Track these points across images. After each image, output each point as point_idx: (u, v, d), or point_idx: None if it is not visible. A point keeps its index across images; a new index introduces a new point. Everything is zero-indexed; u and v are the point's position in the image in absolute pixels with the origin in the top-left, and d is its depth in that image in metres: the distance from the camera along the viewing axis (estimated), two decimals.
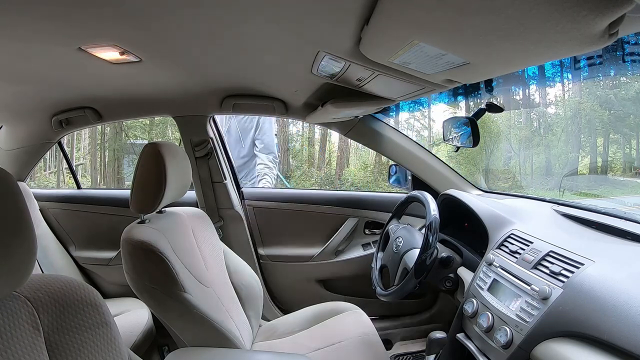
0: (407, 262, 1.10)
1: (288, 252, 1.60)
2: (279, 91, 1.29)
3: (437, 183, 1.54)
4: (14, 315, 0.47)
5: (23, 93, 1.21)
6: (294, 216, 1.58)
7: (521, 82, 6.52)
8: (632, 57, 5.02)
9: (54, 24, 0.68)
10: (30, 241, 0.46)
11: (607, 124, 6.12)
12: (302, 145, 9.51)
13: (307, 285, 1.61)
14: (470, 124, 1.23)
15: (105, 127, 8.31)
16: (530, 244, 0.90)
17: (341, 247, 1.58)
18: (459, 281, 1.06)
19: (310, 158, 9.39)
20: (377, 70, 0.81)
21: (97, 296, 0.56)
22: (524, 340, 0.72)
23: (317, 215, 1.57)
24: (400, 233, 1.21)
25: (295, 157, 8.85)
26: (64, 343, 0.50)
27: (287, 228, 1.59)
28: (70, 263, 1.66)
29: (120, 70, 0.96)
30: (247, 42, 0.79)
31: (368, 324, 1.21)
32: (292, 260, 1.59)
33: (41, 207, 1.66)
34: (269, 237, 1.60)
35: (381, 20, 0.57)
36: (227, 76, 1.13)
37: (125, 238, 0.87)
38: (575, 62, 5.57)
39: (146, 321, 1.38)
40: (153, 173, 0.92)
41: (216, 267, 1.14)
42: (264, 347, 1.16)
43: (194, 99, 1.37)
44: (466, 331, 0.94)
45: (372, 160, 8.52)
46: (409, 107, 7.41)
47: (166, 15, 0.66)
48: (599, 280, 0.68)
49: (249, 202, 1.59)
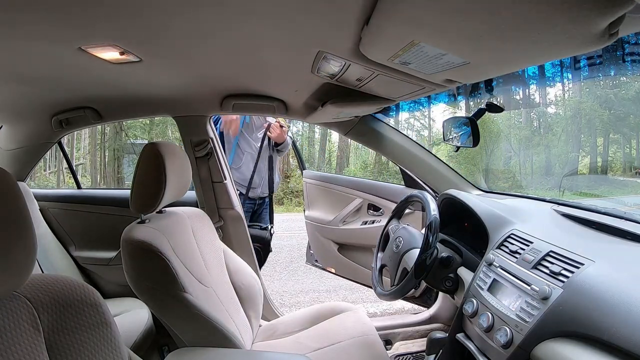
0: (407, 262, 1.10)
1: (313, 214, 2.02)
2: (279, 91, 1.29)
3: (437, 183, 1.54)
4: (14, 315, 0.47)
5: (23, 93, 1.20)
6: (318, 190, 2.00)
7: (521, 82, 6.53)
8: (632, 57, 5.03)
9: (54, 24, 0.68)
10: (30, 241, 0.46)
11: (607, 123, 6.12)
12: (302, 145, 9.51)
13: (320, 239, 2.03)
14: (470, 124, 1.23)
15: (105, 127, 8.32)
16: (530, 244, 0.90)
17: (347, 220, 1.89)
18: (459, 281, 1.06)
19: (310, 158, 9.40)
20: (377, 70, 0.81)
21: (97, 296, 0.56)
22: (524, 340, 0.72)
23: (334, 193, 1.94)
24: (400, 233, 1.21)
25: (295, 157, 8.85)
26: (64, 343, 0.50)
27: (316, 198, 2.02)
28: (70, 263, 1.66)
29: (120, 70, 0.96)
30: (247, 42, 0.79)
31: (368, 324, 1.21)
32: (314, 221, 2.01)
33: (41, 207, 1.66)
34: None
35: (381, 20, 0.57)
36: (227, 76, 1.13)
37: (125, 238, 0.87)
38: (575, 62, 5.58)
39: (146, 321, 1.38)
40: (153, 173, 0.92)
41: (216, 267, 1.14)
42: (264, 347, 1.16)
43: (194, 99, 1.36)
44: (466, 331, 0.94)
45: (372, 160, 8.52)
46: (409, 107, 7.42)
47: (166, 15, 0.66)
48: (599, 280, 0.68)
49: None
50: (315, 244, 2.07)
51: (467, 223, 1.29)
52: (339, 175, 2.07)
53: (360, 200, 1.85)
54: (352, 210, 1.86)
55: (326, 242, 1.97)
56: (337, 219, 1.90)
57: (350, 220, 1.89)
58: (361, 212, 1.87)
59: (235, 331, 0.99)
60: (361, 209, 1.86)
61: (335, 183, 1.93)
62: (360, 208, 1.86)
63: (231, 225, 1.57)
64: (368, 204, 1.85)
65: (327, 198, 1.96)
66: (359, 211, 1.87)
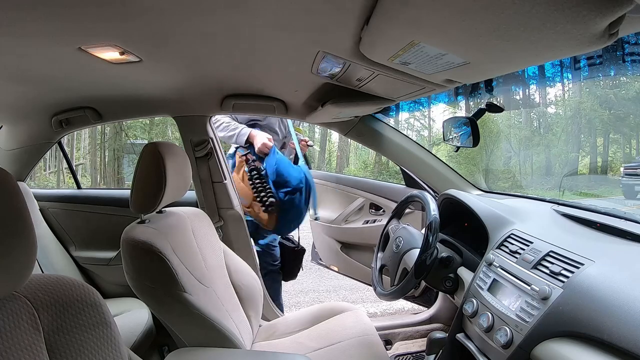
0: (407, 262, 1.10)
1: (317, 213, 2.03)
2: (279, 91, 1.29)
3: (437, 183, 1.54)
4: (14, 316, 0.47)
5: (23, 93, 1.20)
6: (322, 189, 2.01)
7: (521, 82, 6.53)
8: (632, 57, 5.03)
9: (54, 24, 0.68)
10: (30, 241, 0.46)
11: (607, 123, 6.12)
12: None
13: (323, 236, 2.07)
14: (470, 124, 1.23)
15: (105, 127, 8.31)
16: (530, 244, 0.90)
17: (349, 218, 1.93)
18: (459, 281, 1.06)
19: (311, 157, 9.38)
20: (377, 70, 0.81)
21: (97, 296, 0.56)
22: (524, 340, 0.72)
23: (336, 192, 1.98)
24: (400, 233, 1.21)
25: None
26: (64, 343, 0.50)
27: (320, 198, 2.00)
28: (70, 263, 1.66)
29: (120, 70, 0.96)
30: (247, 42, 0.79)
31: (368, 324, 1.21)
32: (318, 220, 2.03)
33: (41, 207, 1.66)
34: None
35: (381, 20, 0.57)
36: (227, 76, 1.13)
37: (125, 238, 0.87)
38: (575, 62, 5.58)
39: (146, 321, 1.38)
40: (153, 173, 0.92)
41: (216, 267, 1.14)
42: (264, 347, 1.16)
43: (194, 99, 1.36)
44: (466, 331, 0.94)
45: (372, 159, 8.52)
46: (409, 107, 7.42)
47: (166, 15, 0.66)
48: (599, 280, 0.68)
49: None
50: (319, 242, 2.11)
51: (467, 223, 1.29)
52: (342, 175, 2.11)
53: (362, 200, 1.88)
54: (355, 210, 1.90)
55: (329, 240, 2.01)
56: (340, 218, 1.93)
57: (352, 219, 1.92)
58: (363, 211, 1.90)
59: (235, 331, 0.99)
60: (363, 208, 1.90)
61: (338, 182, 1.98)
62: (362, 207, 1.89)
63: (231, 225, 1.57)
64: (370, 203, 1.88)
65: (330, 197, 2.00)
66: (361, 210, 1.90)
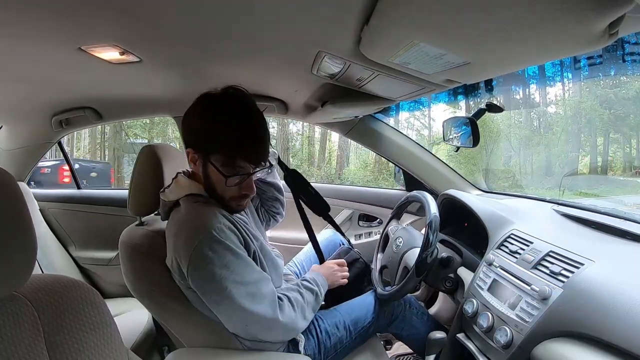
0: (407, 262, 1.10)
1: (286, 235, 1.66)
2: (279, 91, 1.29)
3: (437, 183, 1.54)
4: (14, 316, 0.47)
5: (23, 93, 1.20)
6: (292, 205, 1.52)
7: (521, 82, 6.52)
8: (632, 57, 5.03)
9: (54, 24, 0.68)
10: (30, 241, 0.46)
11: (607, 123, 6.12)
12: (302, 144, 9.50)
13: None
14: (470, 123, 1.23)
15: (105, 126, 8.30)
16: (530, 244, 0.90)
17: None
18: (459, 281, 1.06)
19: (310, 157, 9.37)
20: (377, 70, 0.81)
21: (97, 296, 0.56)
22: (524, 340, 0.72)
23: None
24: (400, 233, 1.21)
25: (295, 156, 8.84)
26: (64, 343, 0.50)
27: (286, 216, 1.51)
28: (70, 263, 1.66)
29: (120, 70, 0.96)
30: (247, 42, 0.79)
31: None
32: (289, 242, 1.65)
33: (41, 207, 1.66)
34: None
35: (381, 20, 0.57)
36: (227, 76, 1.13)
37: (123, 241, 0.87)
38: (575, 61, 5.57)
39: (146, 321, 1.38)
40: (150, 175, 0.92)
41: None
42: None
43: (194, 99, 1.36)
44: (466, 331, 0.94)
45: (372, 159, 8.51)
46: (409, 106, 7.41)
47: (166, 15, 0.66)
48: (599, 280, 0.68)
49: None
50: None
51: (467, 223, 1.29)
52: (323, 185, 1.79)
53: (349, 212, 1.67)
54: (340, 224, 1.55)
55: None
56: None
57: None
58: (352, 224, 1.68)
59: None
60: (351, 221, 1.69)
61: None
62: (350, 219, 1.68)
63: None
64: (359, 214, 1.68)
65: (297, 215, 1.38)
66: (350, 222, 1.68)
